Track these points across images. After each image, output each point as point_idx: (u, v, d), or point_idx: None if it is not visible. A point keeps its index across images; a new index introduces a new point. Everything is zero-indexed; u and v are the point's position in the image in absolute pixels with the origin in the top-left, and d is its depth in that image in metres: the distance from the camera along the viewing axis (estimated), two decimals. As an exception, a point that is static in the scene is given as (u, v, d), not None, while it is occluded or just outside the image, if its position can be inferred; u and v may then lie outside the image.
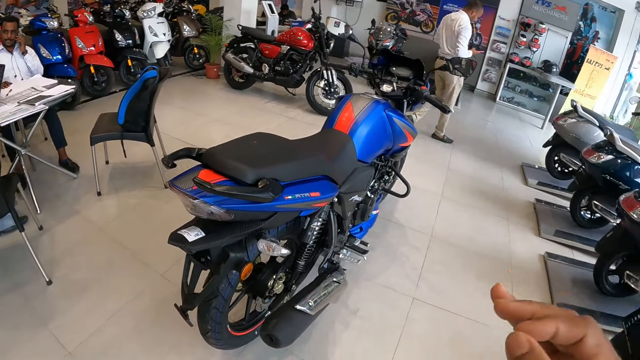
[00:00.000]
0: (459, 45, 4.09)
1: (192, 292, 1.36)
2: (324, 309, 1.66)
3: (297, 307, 1.45)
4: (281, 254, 1.34)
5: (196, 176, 1.16)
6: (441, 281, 2.51)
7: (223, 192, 1.10)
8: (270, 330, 1.39)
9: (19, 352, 1.78)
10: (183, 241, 1.18)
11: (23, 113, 2.32)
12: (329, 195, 1.49)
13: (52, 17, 3.92)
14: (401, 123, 2.15)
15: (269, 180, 1.21)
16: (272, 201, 1.20)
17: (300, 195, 1.33)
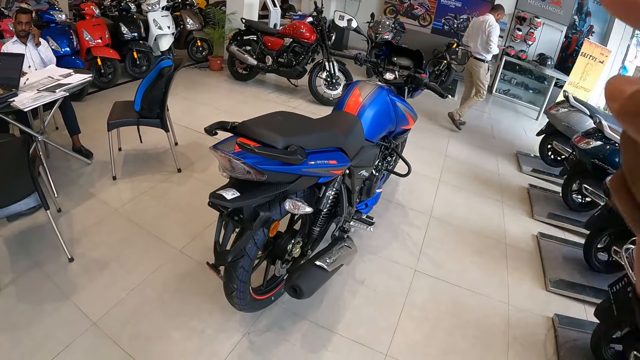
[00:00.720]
0: (490, 44, 4.46)
1: (224, 249, 1.50)
2: (338, 268, 1.82)
3: (317, 263, 1.62)
4: (305, 211, 1.50)
5: (242, 142, 1.31)
6: (440, 256, 2.67)
7: (262, 153, 1.27)
8: (294, 281, 1.55)
9: (43, 323, 1.89)
10: (222, 199, 1.33)
11: (45, 99, 2.43)
12: (343, 164, 1.66)
13: (60, 11, 4.00)
14: (403, 107, 2.31)
15: (296, 146, 1.37)
16: (300, 164, 1.35)
17: (322, 161, 1.51)
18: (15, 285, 2.09)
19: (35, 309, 1.97)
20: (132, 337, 1.87)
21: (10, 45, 2.97)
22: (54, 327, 1.88)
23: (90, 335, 1.86)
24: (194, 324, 1.95)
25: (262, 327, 1.97)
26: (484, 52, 4.57)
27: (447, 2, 6.95)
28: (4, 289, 2.05)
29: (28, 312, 1.95)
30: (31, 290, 2.07)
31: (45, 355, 1.75)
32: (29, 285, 2.10)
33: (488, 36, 4.47)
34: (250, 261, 1.57)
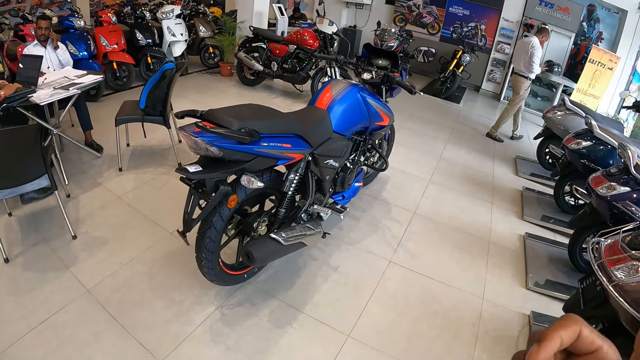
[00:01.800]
0: (532, 64, 4.78)
1: (190, 218, 1.72)
2: (298, 246, 1.99)
3: (271, 235, 1.81)
4: (258, 186, 1.70)
5: (199, 123, 1.53)
6: (418, 249, 2.78)
7: (214, 131, 1.50)
8: (247, 247, 1.76)
9: (45, 289, 2.14)
10: (186, 171, 1.56)
11: (59, 96, 2.74)
12: (299, 149, 1.86)
13: (78, 17, 4.38)
14: (375, 104, 2.48)
15: (249, 129, 1.58)
16: (250, 144, 1.57)
17: (275, 144, 1.72)
18: (23, 257, 2.36)
19: (38, 277, 2.23)
20: (120, 303, 2.09)
21: (31, 47, 3.33)
22: (52, 292, 2.13)
23: (83, 300, 2.10)
24: (174, 296, 2.16)
25: (235, 302, 2.15)
26: (527, 71, 4.87)
27: (455, 10, 7.06)
28: (13, 259, 2.33)
29: (32, 279, 2.22)
30: (36, 261, 2.34)
31: (42, 315, 1.99)
32: (35, 257, 2.37)
33: (531, 57, 4.77)
34: (217, 232, 1.78)
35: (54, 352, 1.82)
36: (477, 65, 6.81)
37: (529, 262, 2.78)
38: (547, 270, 2.73)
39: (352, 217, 3.02)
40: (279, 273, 2.39)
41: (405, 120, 5.30)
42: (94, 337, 1.91)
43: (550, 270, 2.75)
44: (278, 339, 1.97)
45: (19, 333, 1.89)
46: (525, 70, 4.88)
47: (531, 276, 2.64)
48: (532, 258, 2.82)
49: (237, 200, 1.73)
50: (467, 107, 6.48)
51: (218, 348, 1.90)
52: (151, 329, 1.97)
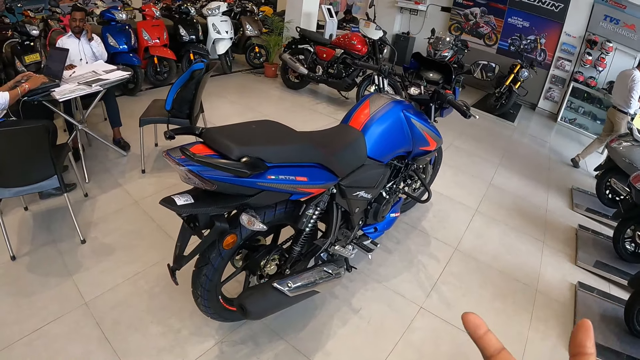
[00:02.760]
0: (630, 99, 4.43)
1: (181, 254, 1.46)
2: (308, 295, 1.67)
3: (274, 285, 1.48)
4: (259, 228, 1.39)
5: (187, 148, 1.25)
6: (455, 295, 2.40)
7: (200, 160, 1.19)
8: (242, 299, 1.44)
9: (44, 295, 2.04)
10: (172, 203, 1.28)
11: (80, 92, 2.63)
12: (319, 183, 1.52)
13: (121, 10, 4.35)
14: (421, 126, 2.11)
15: (251, 158, 1.27)
16: (250, 177, 1.26)
17: (285, 177, 1.38)
18: (30, 257, 2.27)
19: (40, 280, 2.12)
20: (115, 322, 1.93)
21: (65, 39, 3.27)
22: (51, 299, 2.01)
23: (79, 313, 1.96)
24: (172, 322, 1.95)
25: (237, 339, 1.90)
26: (625, 106, 4.47)
27: (515, 21, 6.47)
28: (20, 258, 2.25)
29: (34, 282, 2.11)
30: (42, 263, 2.23)
31: (37, 323, 1.88)
32: (42, 258, 2.27)
33: (630, 91, 4.38)
34: (214, 270, 1.51)
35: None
36: (534, 81, 6.20)
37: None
38: (597, 331, 2.25)
39: (384, 249, 2.68)
40: (292, 310, 2.08)
41: (455, 137, 4.85)
42: (83, 355, 1.76)
43: (602, 331, 2.28)
44: (277, 393, 1.69)
45: (11, 338, 1.79)
46: (624, 104, 4.48)
47: None
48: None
49: (235, 240, 1.45)
50: (522, 126, 5.90)
51: (208, 392, 1.66)
52: (141, 357, 1.78)
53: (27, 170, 2.14)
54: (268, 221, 1.57)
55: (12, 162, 2.08)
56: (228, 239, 1.41)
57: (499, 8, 6.61)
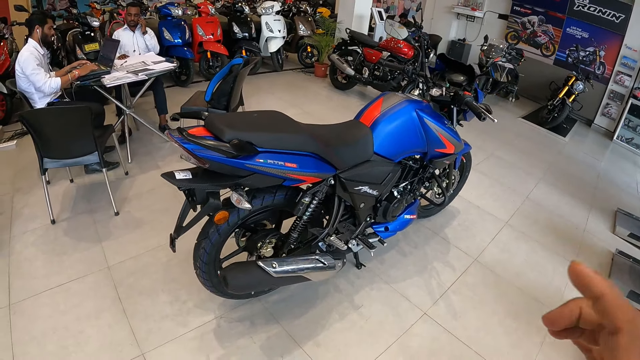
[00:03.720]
0: None
1: (180, 225, 1.59)
2: (297, 279, 1.73)
3: (259, 263, 1.56)
4: (245, 207, 1.48)
5: (185, 129, 1.37)
6: (464, 306, 2.31)
7: (192, 140, 1.30)
8: (226, 271, 1.55)
9: (74, 256, 2.29)
10: (172, 177, 1.41)
11: (126, 80, 2.90)
12: (310, 171, 1.57)
13: (177, 6, 4.69)
14: (436, 127, 2.07)
15: (241, 141, 1.37)
16: (239, 158, 1.35)
17: (273, 162, 1.46)
18: (67, 222, 2.56)
19: (72, 244, 2.39)
20: (130, 286, 2.12)
21: (121, 32, 3.61)
22: (79, 261, 2.26)
23: (100, 275, 2.18)
24: (181, 294, 2.10)
25: (236, 317, 2.00)
26: None
27: (574, 31, 6.04)
28: (59, 222, 2.55)
29: (67, 244, 2.38)
30: (77, 229, 2.51)
31: (61, 279, 2.13)
32: (78, 224, 2.55)
33: None
34: (211, 245, 1.62)
35: (57, 315, 1.92)
36: (592, 96, 5.74)
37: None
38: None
39: (399, 252, 2.66)
40: (294, 298, 2.17)
41: (498, 147, 4.64)
42: (95, 312, 1.96)
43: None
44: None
45: (37, 289, 2.05)
46: None
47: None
48: None
49: (227, 216, 1.55)
50: (574, 142, 5.48)
51: (199, 358, 1.78)
52: (147, 320, 1.95)
53: (71, 145, 2.42)
54: (267, 204, 1.66)
55: (59, 137, 2.36)
56: (219, 215, 1.52)
57: (557, 17, 6.20)
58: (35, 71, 2.63)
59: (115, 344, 1.81)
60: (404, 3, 8.84)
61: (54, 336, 1.81)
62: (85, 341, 1.81)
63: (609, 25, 5.69)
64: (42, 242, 2.37)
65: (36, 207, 2.67)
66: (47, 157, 2.43)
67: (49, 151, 2.41)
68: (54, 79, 2.70)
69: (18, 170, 3.11)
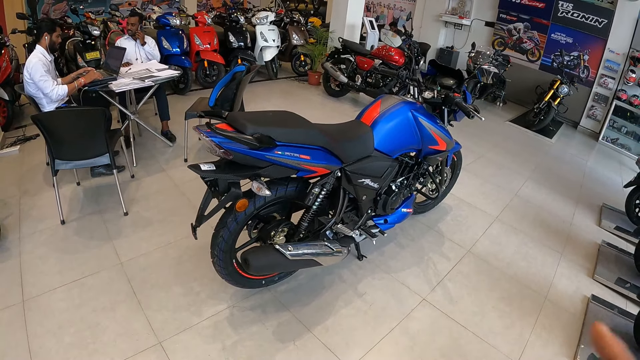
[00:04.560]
0: None
1: (202, 214, 1.72)
2: (309, 263, 1.88)
3: (276, 246, 1.71)
4: (265, 194, 1.63)
5: (213, 124, 1.52)
6: (460, 292, 2.46)
7: (222, 133, 1.45)
8: (246, 253, 1.68)
9: (86, 254, 2.38)
10: (197, 168, 1.55)
11: (134, 85, 3.04)
12: (321, 162, 1.74)
13: (175, 16, 4.84)
14: (429, 126, 2.26)
15: (262, 135, 1.52)
16: (260, 150, 1.51)
17: (290, 154, 1.63)
18: (77, 222, 2.65)
19: (83, 242, 2.48)
20: (143, 280, 2.22)
21: (123, 40, 3.74)
22: (91, 258, 2.35)
23: (113, 271, 2.27)
24: (193, 285, 2.21)
25: (247, 305, 2.11)
26: None
27: (558, 37, 6.33)
28: (69, 223, 2.64)
29: (78, 242, 2.47)
30: (87, 228, 2.60)
31: (75, 275, 2.22)
32: (88, 224, 2.64)
33: None
34: (229, 233, 1.75)
35: (73, 308, 2.01)
36: (577, 99, 6.01)
37: (586, 330, 2.27)
38: None
39: (397, 244, 2.80)
40: (301, 287, 2.29)
41: (489, 150, 4.84)
42: (110, 305, 2.05)
43: None
44: (275, 353, 1.88)
45: (52, 285, 2.13)
46: None
47: (583, 348, 2.13)
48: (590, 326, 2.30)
49: (247, 204, 1.69)
50: (560, 143, 5.72)
51: (214, 345, 1.88)
52: (162, 310, 2.04)
53: (84, 147, 2.52)
54: (280, 195, 1.81)
55: (72, 139, 2.47)
56: (240, 202, 1.66)
57: (542, 23, 6.50)
58: (44, 78, 2.73)
59: (132, 334, 1.90)
60: (393, 12, 9.12)
61: (70, 329, 1.89)
62: (102, 332, 1.89)
63: (592, 30, 5.98)
64: (52, 241, 2.45)
65: (44, 209, 2.75)
66: (58, 159, 2.52)
67: (60, 153, 2.50)
68: (61, 87, 2.80)
69: (23, 174, 3.19)
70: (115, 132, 2.87)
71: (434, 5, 7.99)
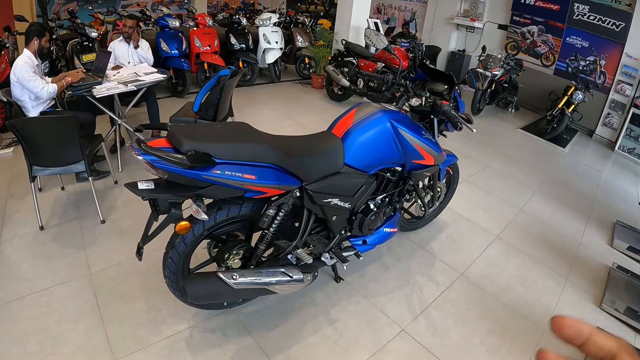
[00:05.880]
0: None
1: (146, 234, 1.62)
2: (260, 293, 1.74)
3: (218, 274, 1.56)
4: (201, 218, 1.51)
5: (144, 140, 1.39)
6: (445, 323, 2.25)
7: (148, 151, 1.32)
8: (185, 281, 1.57)
9: (59, 261, 2.35)
10: (135, 187, 1.43)
11: (115, 90, 2.98)
12: (270, 183, 1.57)
13: (174, 18, 4.78)
14: (412, 138, 2.03)
15: (198, 152, 1.38)
16: (196, 170, 1.36)
17: (231, 173, 1.46)
18: (56, 228, 2.62)
19: (59, 249, 2.44)
20: (110, 292, 2.16)
21: (117, 43, 3.69)
22: (63, 266, 2.32)
23: (83, 281, 2.23)
24: (157, 302, 2.11)
25: (209, 327, 2.00)
26: None
27: (573, 41, 6.00)
28: (48, 229, 2.61)
29: (54, 249, 2.44)
30: (64, 235, 2.56)
31: (46, 283, 2.18)
32: (65, 231, 2.60)
33: None
34: (178, 255, 1.64)
35: (40, 318, 1.98)
36: (593, 106, 5.68)
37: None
38: None
39: (381, 265, 2.62)
40: (268, 310, 2.15)
41: (495, 159, 4.60)
42: (75, 317, 2.00)
43: None
44: (228, 383, 1.75)
45: (23, 292, 2.11)
46: None
47: None
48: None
49: (188, 227, 1.55)
50: (574, 153, 5.40)
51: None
52: (122, 326, 1.97)
53: (59, 154, 2.48)
54: (232, 216, 1.67)
55: (47, 145, 2.42)
56: (180, 225, 1.53)
57: (557, 26, 6.18)
58: (32, 78, 2.72)
59: (90, 349, 1.84)
60: (404, 14, 8.89)
61: (34, 337, 1.86)
62: (62, 344, 1.85)
63: (609, 34, 5.65)
64: (30, 246, 2.44)
65: (27, 213, 2.73)
66: (36, 165, 2.49)
67: (37, 159, 2.47)
68: (51, 85, 2.81)
69: (14, 177, 3.18)
70: (95, 138, 2.82)
71: (446, 8, 7.73)
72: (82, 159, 2.52)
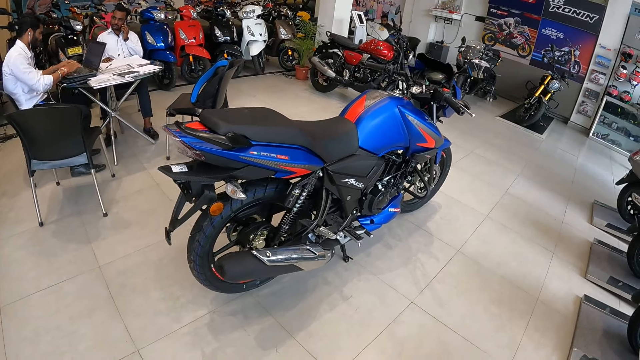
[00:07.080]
0: None
1: (175, 217, 1.63)
2: (289, 269, 1.79)
3: (253, 253, 1.62)
4: (240, 197, 1.54)
5: (183, 123, 1.42)
6: (449, 294, 2.40)
7: (190, 133, 1.35)
8: (222, 260, 1.59)
9: (63, 257, 2.29)
10: (168, 170, 1.45)
11: (114, 82, 2.92)
12: (300, 163, 1.64)
13: (159, 10, 4.70)
14: (417, 122, 2.17)
15: (235, 134, 1.42)
16: (233, 150, 1.41)
17: (266, 154, 1.52)
18: (56, 224, 2.54)
19: (62, 245, 2.38)
20: (121, 285, 2.13)
21: (105, 35, 3.61)
22: (69, 261, 2.26)
23: (92, 275, 2.18)
24: (173, 290, 2.13)
25: (229, 310, 2.04)
26: None
27: (549, 32, 6.30)
28: (47, 225, 2.52)
29: (56, 245, 2.37)
30: (65, 231, 2.50)
31: (52, 280, 2.12)
32: (66, 226, 2.54)
33: None
34: (205, 237, 1.67)
35: (49, 316, 1.92)
36: (568, 94, 6.01)
37: (579, 332, 2.24)
38: (597, 347, 2.15)
39: (384, 245, 2.74)
40: (284, 291, 2.22)
41: (478, 146, 4.80)
42: (88, 311, 1.97)
43: (602, 348, 2.16)
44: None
45: (28, 291, 2.04)
46: None
47: (576, 351, 2.10)
48: (584, 328, 2.27)
49: (222, 208, 1.60)
50: (551, 139, 5.71)
51: (194, 353, 1.81)
52: (140, 316, 1.96)
53: (60, 146, 2.42)
54: (258, 197, 1.72)
55: (48, 138, 2.36)
56: (214, 206, 1.57)
57: (533, 18, 6.47)
58: (28, 69, 2.64)
59: (109, 342, 1.82)
60: (382, 6, 9.02)
61: (46, 336, 1.81)
62: (78, 340, 1.81)
63: (583, 26, 5.96)
64: (29, 244, 2.35)
65: (22, 211, 2.64)
66: (35, 159, 2.41)
67: (37, 152, 2.39)
68: (47, 76, 2.72)
69: (2, 175, 3.06)
70: (93, 130, 2.77)
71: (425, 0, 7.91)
72: (83, 150, 2.47)
